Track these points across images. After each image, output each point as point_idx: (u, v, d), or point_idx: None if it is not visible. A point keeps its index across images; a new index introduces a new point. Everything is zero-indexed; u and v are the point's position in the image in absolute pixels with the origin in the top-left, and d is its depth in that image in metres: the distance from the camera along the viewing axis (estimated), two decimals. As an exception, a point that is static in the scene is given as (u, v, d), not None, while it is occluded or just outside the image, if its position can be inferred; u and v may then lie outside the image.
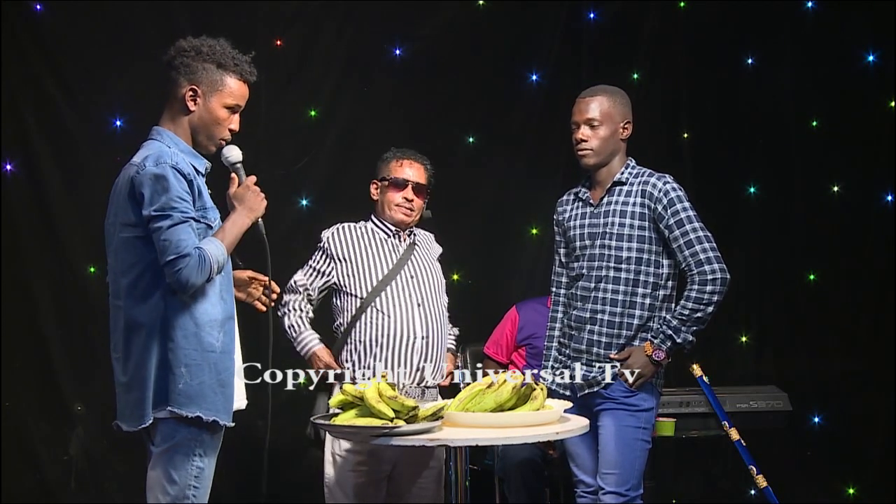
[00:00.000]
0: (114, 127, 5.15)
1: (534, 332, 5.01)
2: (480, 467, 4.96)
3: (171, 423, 3.13)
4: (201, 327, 3.14)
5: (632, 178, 3.91)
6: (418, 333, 4.04)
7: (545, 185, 5.84)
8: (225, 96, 3.26)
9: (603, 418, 3.85)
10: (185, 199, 3.11)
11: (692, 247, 3.79)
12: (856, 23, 6.00)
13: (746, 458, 4.76)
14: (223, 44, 3.29)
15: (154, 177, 3.08)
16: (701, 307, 3.78)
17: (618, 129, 3.90)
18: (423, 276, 4.16)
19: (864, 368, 6.00)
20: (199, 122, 3.26)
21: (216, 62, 3.25)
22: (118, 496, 5.14)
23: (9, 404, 5.03)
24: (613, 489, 3.80)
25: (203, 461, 3.17)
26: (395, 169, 4.26)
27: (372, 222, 4.28)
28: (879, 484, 5.89)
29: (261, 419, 5.10)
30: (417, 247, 4.25)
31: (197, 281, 3.08)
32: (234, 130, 3.32)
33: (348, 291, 4.13)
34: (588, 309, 3.89)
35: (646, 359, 3.79)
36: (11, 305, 5.02)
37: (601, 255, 3.88)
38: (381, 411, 3.20)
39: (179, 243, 3.06)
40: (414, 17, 5.66)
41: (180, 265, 3.05)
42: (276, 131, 5.44)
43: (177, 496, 3.14)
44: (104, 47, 5.13)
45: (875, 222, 6.04)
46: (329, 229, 4.30)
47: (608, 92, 3.94)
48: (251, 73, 3.31)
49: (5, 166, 5.04)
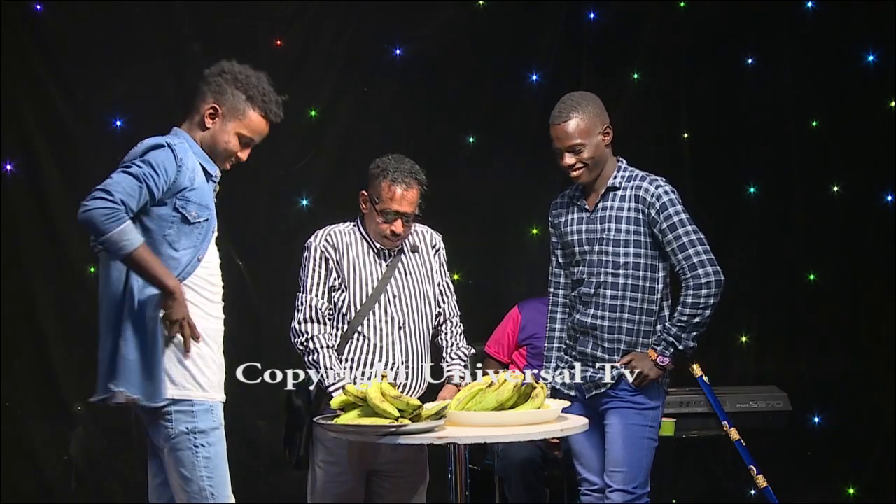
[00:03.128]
0: (114, 127, 5.15)
1: (535, 331, 5.00)
2: (480, 467, 4.96)
3: (161, 424, 3.15)
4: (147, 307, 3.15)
5: (624, 181, 3.90)
6: (398, 359, 3.91)
7: (545, 185, 5.82)
8: (242, 126, 3.30)
9: (610, 417, 3.86)
10: (158, 172, 3.10)
11: (685, 250, 3.80)
12: (856, 23, 6.00)
13: (746, 458, 4.76)
14: (261, 78, 3.33)
15: (146, 146, 3.14)
16: (698, 311, 3.79)
17: (601, 139, 3.87)
18: (405, 294, 3.97)
19: (864, 368, 6.01)
20: (211, 141, 3.29)
21: (246, 93, 3.28)
22: (118, 496, 5.14)
23: (9, 404, 5.03)
24: (621, 487, 3.80)
25: (210, 449, 3.17)
26: (385, 196, 3.85)
27: (359, 231, 4.01)
28: (879, 484, 5.90)
29: (261, 419, 5.17)
30: (404, 255, 4.02)
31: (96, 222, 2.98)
32: (242, 160, 3.36)
33: (339, 311, 3.94)
34: (590, 314, 3.90)
35: (651, 363, 3.80)
36: (11, 305, 5.02)
37: (599, 260, 3.88)
38: (386, 411, 3.20)
39: (114, 185, 3.02)
40: (414, 17, 5.65)
41: (96, 197, 3.00)
42: (276, 131, 5.42)
43: (193, 493, 3.15)
44: (104, 47, 5.13)
45: (875, 222, 6.05)
46: (319, 237, 3.96)
47: (580, 107, 3.86)
48: (277, 114, 3.34)
49: (5, 166, 5.04)
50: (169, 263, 3.14)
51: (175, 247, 3.18)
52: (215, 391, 3.26)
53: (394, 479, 4.00)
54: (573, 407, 3.82)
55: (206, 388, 3.21)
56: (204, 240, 3.24)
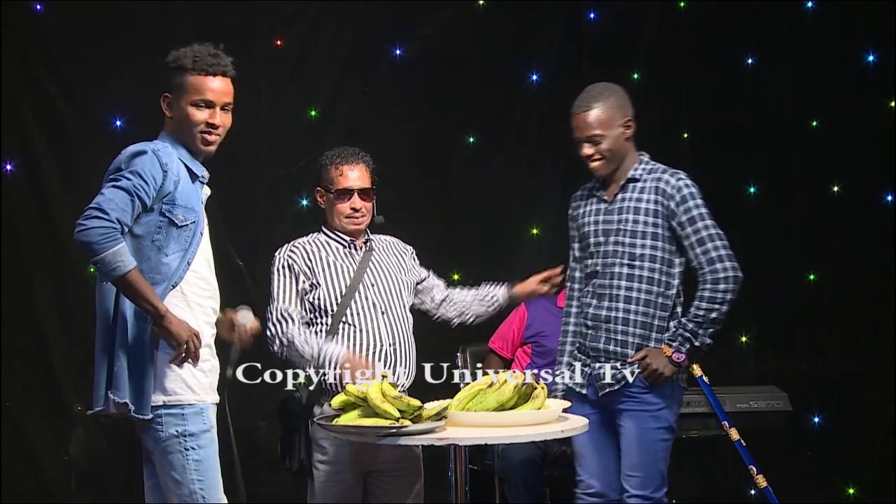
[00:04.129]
0: (114, 127, 5.14)
1: (541, 330, 4.99)
2: (480, 467, 4.96)
3: (150, 428, 3.16)
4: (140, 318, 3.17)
5: (645, 174, 3.88)
6: (385, 341, 3.94)
7: (545, 185, 5.84)
8: (189, 94, 3.29)
9: (624, 419, 3.83)
10: (147, 181, 3.11)
11: (704, 244, 3.78)
12: (856, 23, 6.00)
13: (746, 458, 4.76)
14: (193, 47, 3.32)
15: (130, 154, 3.15)
16: (715, 307, 3.77)
17: (621, 132, 3.86)
18: (384, 283, 4.03)
19: (864, 368, 6.01)
20: (177, 125, 3.31)
21: (179, 66, 3.29)
22: (118, 496, 5.14)
23: (9, 404, 5.02)
24: (639, 492, 3.80)
25: (200, 452, 3.17)
26: (335, 178, 3.99)
27: (324, 234, 4.08)
28: (879, 484, 5.89)
29: (261, 419, 5.16)
30: (374, 252, 4.09)
31: (92, 242, 2.98)
32: (216, 123, 3.31)
33: (319, 309, 3.98)
34: (604, 307, 3.86)
35: (665, 359, 3.77)
36: (11, 305, 5.02)
37: (615, 251, 3.85)
38: (387, 411, 3.19)
39: (107, 202, 3.03)
40: (414, 17, 5.65)
41: (92, 216, 3.00)
42: (276, 131, 5.44)
43: (184, 496, 3.15)
44: (104, 47, 5.13)
45: (875, 222, 6.05)
46: (283, 249, 4.01)
47: (602, 98, 3.85)
48: (214, 64, 3.30)
49: (5, 166, 5.04)
50: (160, 269, 3.15)
51: (165, 251, 3.18)
52: (206, 393, 3.25)
53: (391, 478, 4.01)
54: (577, 406, 3.80)
55: (196, 391, 3.22)
56: (192, 242, 3.24)
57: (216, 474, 3.21)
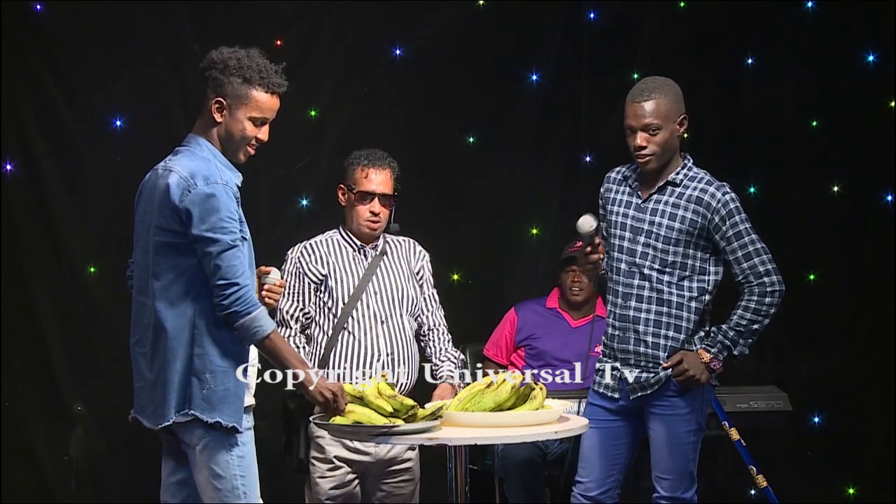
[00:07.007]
0: (114, 127, 5.15)
1: (532, 332, 5.01)
2: (480, 467, 4.96)
3: (195, 425, 3.14)
4: (227, 335, 3.14)
5: (686, 180, 3.79)
6: (383, 351, 3.99)
7: (545, 185, 5.84)
8: (251, 109, 3.27)
9: (654, 422, 3.81)
10: (234, 219, 3.13)
11: (751, 259, 3.75)
12: (856, 23, 5.99)
13: (746, 458, 4.75)
14: (252, 55, 3.29)
15: (205, 196, 3.10)
16: (759, 318, 3.75)
17: (676, 128, 3.77)
18: (387, 291, 4.07)
19: (864, 368, 6.00)
20: (226, 133, 3.28)
21: (242, 76, 3.25)
22: (118, 496, 5.15)
23: (9, 404, 5.03)
24: (669, 494, 3.80)
25: (243, 449, 3.17)
26: (360, 179, 4.09)
27: (340, 234, 4.16)
28: (879, 484, 5.89)
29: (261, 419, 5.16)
30: (385, 257, 4.14)
31: (236, 311, 3.07)
32: (263, 140, 3.34)
33: (324, 312, 4.05)
34: (632, 307, 3.80)
35: (702, 365, 3.74)
36: (11, 305, 5.02)
37: (644, 253, 3.78)
38: (380, 406, 3.21)
39: (229, 269, 3.07)
40: (414, 17, 5.66)
41: (229, 291, 3.06)
42: (276, 131, 5.42)
43: (226, 490, 3.15)
44: (104, 47, 5.14)
45: (875, 222, 6.04)
46: (295, 249, 4.15)
47: (662, 90, 3.76)
48: (279, 84, 3.30)
49: (5, 166, 5.04)
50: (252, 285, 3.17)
51: (251, 269, 3.22)
52: (249, 394, 3.29)
53: (388, 478, 4.05)
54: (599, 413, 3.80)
55: None
56: (251, 252, 3.26)
57: (255, 473, 3.22)
